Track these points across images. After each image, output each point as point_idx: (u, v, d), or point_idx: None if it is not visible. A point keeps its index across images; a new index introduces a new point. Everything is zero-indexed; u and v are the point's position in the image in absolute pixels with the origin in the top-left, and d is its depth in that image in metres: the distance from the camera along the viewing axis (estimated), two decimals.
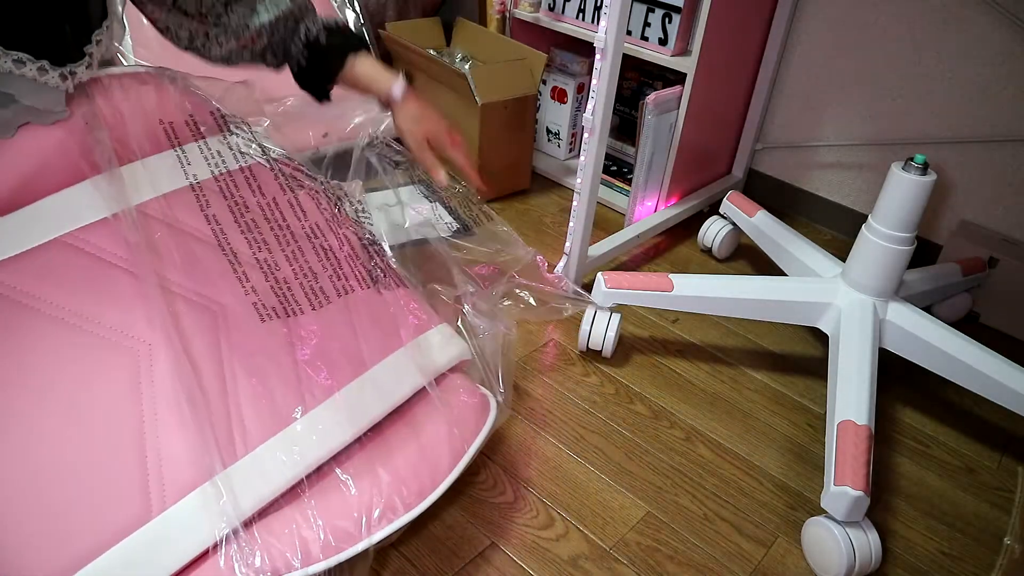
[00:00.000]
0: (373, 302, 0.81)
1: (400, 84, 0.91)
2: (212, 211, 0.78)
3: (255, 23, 0.83)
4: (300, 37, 0.87)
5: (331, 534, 0.63)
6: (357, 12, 1.62)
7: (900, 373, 1.15)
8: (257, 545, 0.60)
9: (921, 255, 1.45)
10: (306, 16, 0.87)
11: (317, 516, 0.64)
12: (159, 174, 0.78)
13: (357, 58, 0.90)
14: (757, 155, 1.62)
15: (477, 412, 0.79)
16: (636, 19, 1.36)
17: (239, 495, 0.62)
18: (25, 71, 0.65)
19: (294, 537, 0.62)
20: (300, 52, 0.87)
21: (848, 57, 1.41)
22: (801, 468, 0.99)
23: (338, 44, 0.90)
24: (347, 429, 0.69)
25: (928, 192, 0.94)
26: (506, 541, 0.85)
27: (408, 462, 0.70)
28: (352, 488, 0.67)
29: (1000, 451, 1.06)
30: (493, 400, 0.82)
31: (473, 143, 1.46)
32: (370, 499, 0.66)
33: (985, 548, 0.91)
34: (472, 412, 0.79)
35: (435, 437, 0.74)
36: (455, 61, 1.63)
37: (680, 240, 1.49)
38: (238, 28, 0.82)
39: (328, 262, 0.82)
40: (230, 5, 0.81)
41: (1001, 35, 1.23)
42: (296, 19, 0.86)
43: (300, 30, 0.87)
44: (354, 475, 0.68)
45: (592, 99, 1.07)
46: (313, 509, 0.64)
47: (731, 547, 0.88)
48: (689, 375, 1.14)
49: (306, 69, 0.89)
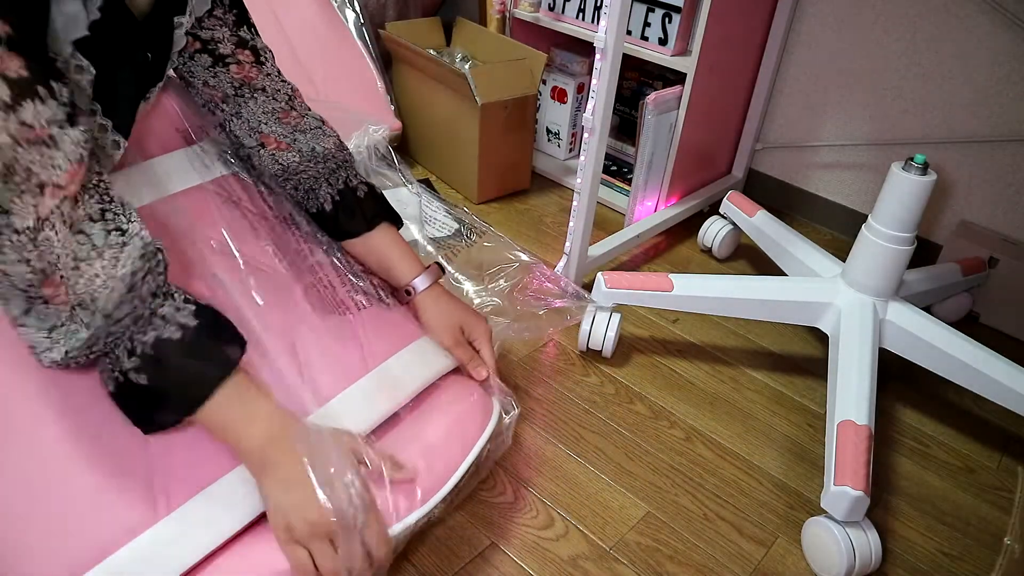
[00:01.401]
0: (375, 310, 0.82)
1: (424, 279, 0.84)
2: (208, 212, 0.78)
3: (299, 142, 0.80)
4: (337, 182, 0.82)
5: None
6: (357, 12, 1.62)
7: (900, 373, 1.15)
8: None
9: (921, 255, 1.44)
10: (348, 166, 0.84)
11: None
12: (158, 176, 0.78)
13: (389, 230, 0.85)
14: (757, 155, 1.62)
15: (480, 413, 0.79)
16: (636, 19, 1.36)
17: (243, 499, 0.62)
18: (102, 138, 0.67)
19: None
20: (331, 195, 0.82)
21: (848, 57, 1.41)
22: (801, 468, 0.99)
23: (373, 205, 0.84)
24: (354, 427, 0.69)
25: (928, 192, 0.94)
26: (506, 541, 0.85)
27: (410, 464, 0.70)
28: None
29: (1000, 451, 1.06)
30: (496, 401, 0.83)
31: (473, 143, 1.46)
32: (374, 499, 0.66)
33: (985, 548, 0.91)
34: (475, 413, 0.79)
35: (437, 438, 0.74)
36: (455, 61, 1.63)
37: (680, 240, 1.49)
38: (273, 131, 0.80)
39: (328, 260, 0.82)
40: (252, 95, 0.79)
41: (1001, 35, 1.23)
42: (337, 165, 0.83)
43: (340, 175, 0.83)
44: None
45: (592, 99, 1.07)
46: None
47: (731, 547, 0.88)
48: (689, 375, 1.14)
49: (328, 215, 0.83)
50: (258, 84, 0.79)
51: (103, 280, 0.54)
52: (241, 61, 0.77)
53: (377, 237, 0.84)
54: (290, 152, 0.81)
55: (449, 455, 0.74)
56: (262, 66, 0.79)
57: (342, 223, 0.84)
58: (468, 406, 0.79)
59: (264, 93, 0.80)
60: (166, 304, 0.58)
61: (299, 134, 0.81)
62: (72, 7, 0.55)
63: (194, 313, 0.58)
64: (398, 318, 0.83)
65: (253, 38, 0.79)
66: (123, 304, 0.55)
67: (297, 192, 0.84)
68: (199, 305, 0.60)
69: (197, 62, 0.77)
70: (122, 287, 0.55)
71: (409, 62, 1.57)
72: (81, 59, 0.58)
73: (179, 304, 0.58)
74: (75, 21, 0.55)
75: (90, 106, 0.62)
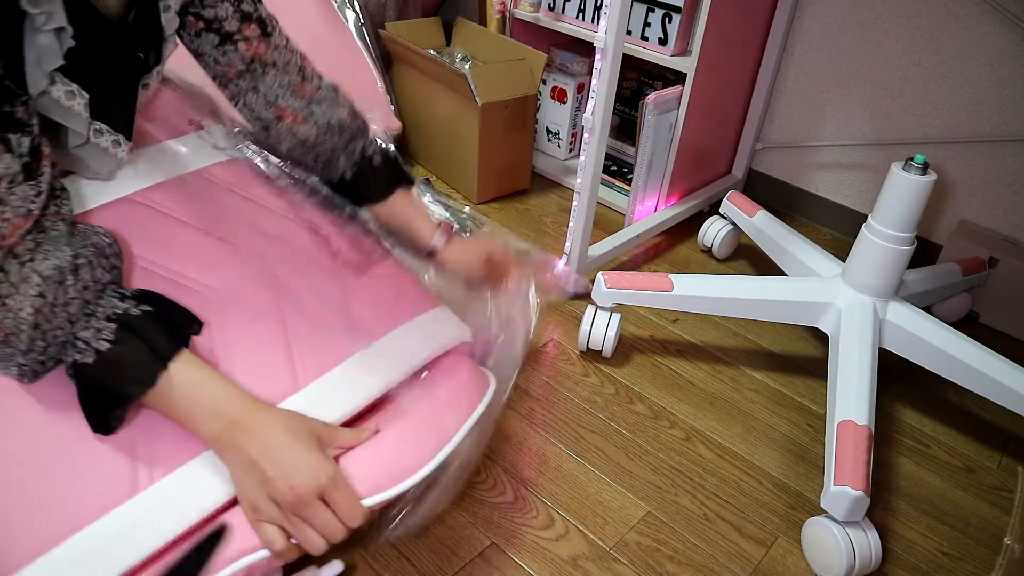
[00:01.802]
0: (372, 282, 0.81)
1: (442, 234, 0.87)
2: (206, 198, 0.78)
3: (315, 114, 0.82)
4: (354, 152, 0.85)
5: None
6: (357, 12, 1.62)
7: (900, 373, 1.15)
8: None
9: (921, 255, 1.44)
10: (363, 135, 0.86)
11: None
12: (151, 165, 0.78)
13: (405, 194, 0.87)
14: (757, 155, 1.62)
15: (474, 390, 0.78)
16: (636, 19, 1.36)
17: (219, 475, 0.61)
18: (101, 141, 0.66)
19: None
20: (349, 166, 0.85)
21: (848, 57, 1.41)
22: (801, 468, 0.99)
23: (388, 172, 0.87)
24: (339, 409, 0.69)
25: (928, 192, 0.94)
26: (506, 541, 0.85)
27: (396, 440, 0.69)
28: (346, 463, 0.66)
29: (1000, 451, 1.06)
30: (492, 379, 0.82)
31: (473, 143, 1.46)
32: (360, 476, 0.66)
33: (985, 548, 0.91)
34: (469, 390, 0.78)
35: (425, 416, 0.73)
36: (455, 61, 1.63)
37: (680, 240, 1.49)
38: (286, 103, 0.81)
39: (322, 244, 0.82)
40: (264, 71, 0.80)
41: (1001, 35, 1.23)
42: (352, 135, 0.85)
43: (356, 145, 0.85)
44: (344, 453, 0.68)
45: (592, 99, 1.07)
46: None
47: (731, 547, 0.88)
48: (689, 375, 1.14)
49: (348, 184, 0.86)
50: (269, 59, 0.80)
51: (12, 318, 0.55)
52: (248, 37, 0.78)
53: (395, 202, 0.87)
54: (307, 125, 0.82)
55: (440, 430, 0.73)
56: (270, 38, 0.79)
57: (361, 191, 0.86)
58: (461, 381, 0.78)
59: (276, 67, 0.81)
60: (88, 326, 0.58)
61: (315, 106, 0.82)
62: (44, 39, 0.54)
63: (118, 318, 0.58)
64: (406, 289, 0.83)
65: (257, 8, 0.79)
66: (35, 340, 0.56)
67: (316, 163, 0.86)
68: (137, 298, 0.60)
69: (205, 40, 0.77)
70: (28, 325, 0.55)
71: (409, 62, 1.57)
72: (70, 84, 0.59)
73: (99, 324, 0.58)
74: (49, 53, 0.55)
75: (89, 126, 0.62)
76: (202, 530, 0.60)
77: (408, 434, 0.71)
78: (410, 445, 0.70)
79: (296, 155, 0.86)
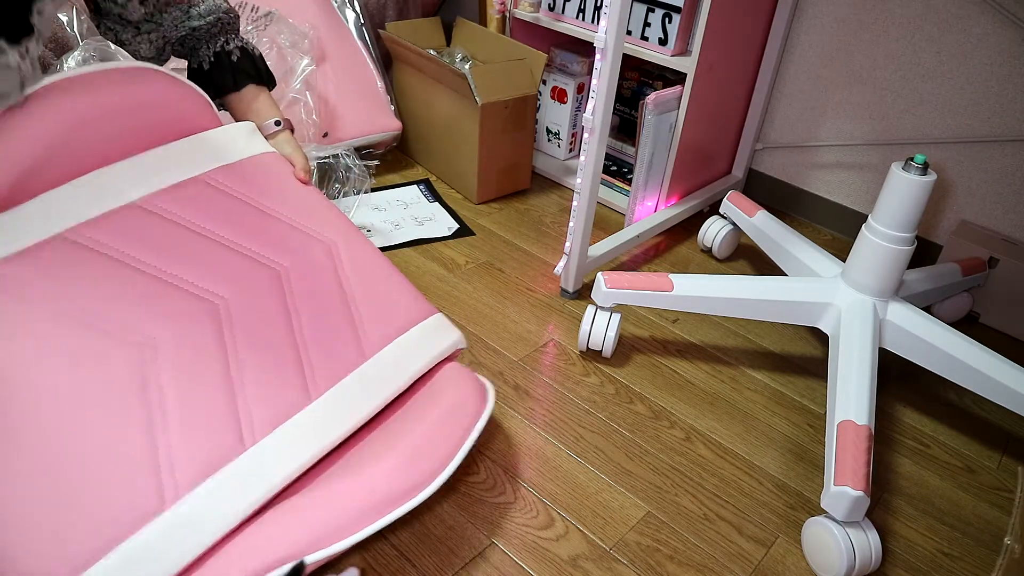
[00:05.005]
0: (369, 290, 0.82)
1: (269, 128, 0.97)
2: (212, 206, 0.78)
3: (187, 26, 0.91)
4: (214, 45, 0.94)
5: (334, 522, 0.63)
6: (357, 12, 1.62)
7: (900, 373, 1.15)
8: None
9: (921, 255, 1.45)
10: (229, 32, 0.95)
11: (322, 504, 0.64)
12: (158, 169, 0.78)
13: (256, 89, 0.98)
14: (757, 155, 1.62)
15: (475, 400, 0.79)
16: (636, 19, 1.36)
17: (249, 485, 0.62)
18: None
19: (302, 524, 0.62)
20: (207, 56, 0.94)
21: (848, 57, 1.41)
22: (801, 468, 0.99)
23: (245, 68, 0.97)
24: (350, 419, 0.69)
25: (928, 192, 0.94)
26: (506, 541, 0.85)
27: (406, 453, 0.70)
28: (352, 478, 0.67)
29: (1000, 451, 1.06)
30: (491, 387, 0.83)
31: (473, 143, 1.46)
32: (371, 488, 0.66)
33: (985, 548, 0.91)
34: (470, 400, 0.79)
35: (433, 427, 0.74)
36: (455, 61, 1.63)
37: (680, 240, 1.49)
38: (170, 30, 0.91)
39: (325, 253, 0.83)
40: (166, 10, 0.89)
41: (1001, 35, 1.23)
42: (220, 30, 0.94)
43: (217, 40, 0.94)
44: (354, 466, 0.68)
45: (592, 99, 1.07)
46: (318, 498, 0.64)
47: (731, 547, 0.88)
48: (689, 375, 1.14)
49: (205, 72, 0.95)
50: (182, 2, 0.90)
51: None
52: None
53: (245, 94, 0.97)
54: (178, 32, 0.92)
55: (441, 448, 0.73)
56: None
57: (216, 80, 0.96)
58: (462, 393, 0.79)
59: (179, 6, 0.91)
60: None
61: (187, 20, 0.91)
62: None
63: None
64: (407, 297, 0.84)
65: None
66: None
67: (181, 49, 0.95)
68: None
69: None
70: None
71: (409, 62, 1.57)
72: None
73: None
74: None
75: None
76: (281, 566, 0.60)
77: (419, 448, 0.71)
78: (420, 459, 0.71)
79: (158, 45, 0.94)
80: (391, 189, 1.56)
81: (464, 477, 0.92)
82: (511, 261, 1.36)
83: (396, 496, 0.66)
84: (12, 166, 0.69)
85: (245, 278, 0.75)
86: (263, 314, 0.73)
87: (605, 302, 1.10)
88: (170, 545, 0.57)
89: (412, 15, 1.76)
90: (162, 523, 0.58)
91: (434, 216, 1.48)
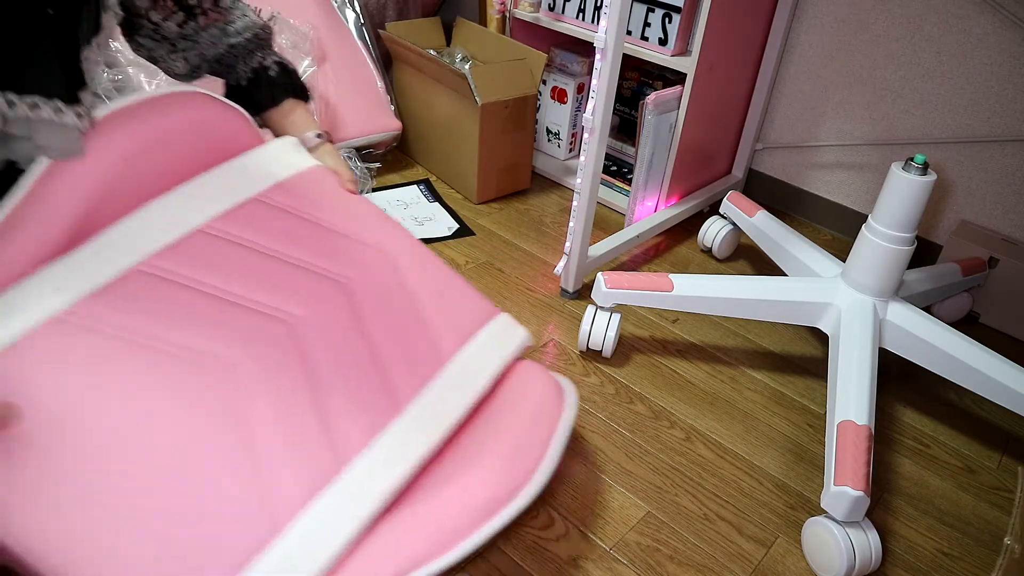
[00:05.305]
0: (435, 295, 0.82)
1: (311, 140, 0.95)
2: (273, 225, 0.78)
3: (225, 43, 0.89)
4: (252, 61, 0.92)
5: (437, 536, 0.63)
6: (357, 12, 1.62)
7: (900, 373, 1.15)
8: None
9: (921, 255, 1.45)
10: (265, 47, 0.93)
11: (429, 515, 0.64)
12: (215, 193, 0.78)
13: (294, 104, 0.95)
14: (757, 155, 1.62)
15: (557, 396, 0.79)
16: (636, 19, 1.36)
17: (356, 502, 0.62)
18: (42, 114, 0.65)
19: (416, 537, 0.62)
20: (245, 73, 0.92)
21: (848, 57, 1.41)
22: (801, 468, 0.99)
23: (283, 83, 0.95)
24: (440, 426, 0.70)
25: (928, 192, 0.94)
26: (506, 541, 0.85)
27: (503, 455, 0.69)
28: (453, 485, 0.66)
29: (1000, 451, 1.06)
30: (569, 383, 0.82)
31: (473, 143, 1.46)
32: (473, 494, 0.66)
33: (985, 548, 0.91)
34: (552, 397, 0.78)
35: (524, 427, 0.73)
36: (455, 61, 1.63)
37: (680, 240, 1.49)
38: (207, 48, 0.88)
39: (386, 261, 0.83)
40: (205, 28, 0.87)
41: (1001, 35, 1.23)
42: (256, 47, 0.92)
43: (255, 57, 0.92)
44: (451, 473, 0.68)
45: (592, 99, 1.07)
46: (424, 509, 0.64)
47: (731, 547, 0.88)
48: (689, 375, 1.14)
49: (243, 89, 0.93)
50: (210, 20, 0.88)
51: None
52: (206, 10, 0.85)
53: (284, 109, 0.95)
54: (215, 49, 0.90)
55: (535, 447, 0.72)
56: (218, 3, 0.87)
57: (254, 97, 0.94)
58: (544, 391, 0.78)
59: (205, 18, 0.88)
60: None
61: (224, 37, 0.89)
62: None
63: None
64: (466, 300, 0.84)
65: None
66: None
67: (218, 67, 0.92)
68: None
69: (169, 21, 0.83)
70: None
71: (409, 62, 1.57)
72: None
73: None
74: None
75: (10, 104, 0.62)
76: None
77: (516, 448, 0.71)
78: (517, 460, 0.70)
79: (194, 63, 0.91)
80: (391, 189, 1.56)
81: None
82: (511, 261, 1.36)
83: (499, 499, 0.66)
84: (78, 203, 0.68)
85: (315, 295, 0.75)
86: (338, 329, 0.73)
87: (605, 302, 1.10)
88: (290, 570, 0.57)
89: (412, 15, 1.76)
90: (280, 549, 0.58)
91: (434, 216, 1.48)
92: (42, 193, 0.66)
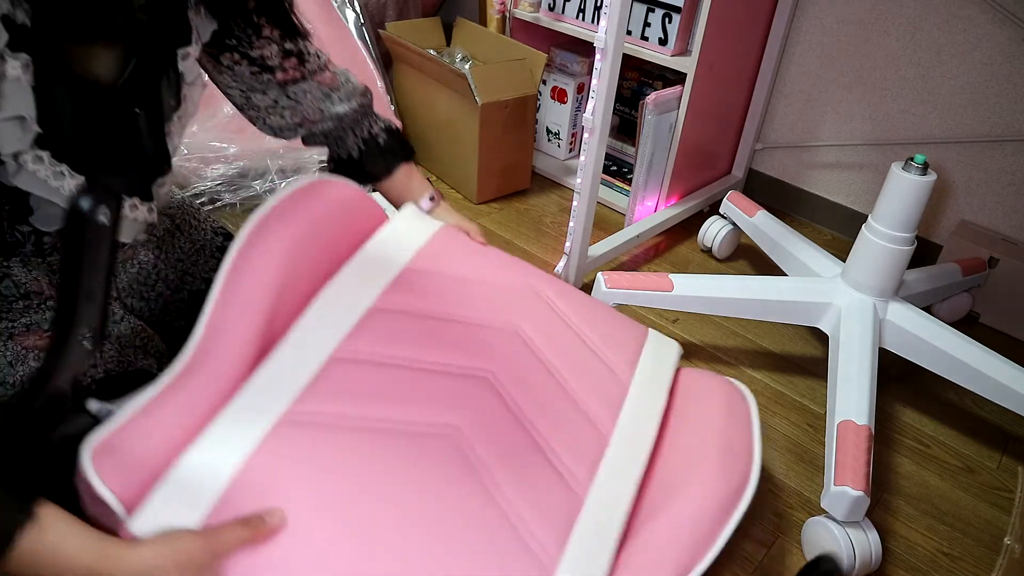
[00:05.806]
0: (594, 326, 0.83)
1: (426, 204, 0.91)
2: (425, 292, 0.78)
3: (330, 110, 0.84)
4: (361, 132, 0.88)
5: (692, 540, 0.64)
6: (357, 12, 1.62)
7: (900, 373, 1.15)
8: None
9: (921, 255, 1.44)
10: (370, 113, 0.89)
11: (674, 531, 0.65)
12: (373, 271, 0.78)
13: (406, 168, 0.91)
14: (757, 155, 1.62)
15: (736, 395, 0.80)
16: (636, 19, 1.36)
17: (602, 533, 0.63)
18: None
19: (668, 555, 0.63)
20: (357, 145, 0.88)
21: (848, 57, 1.41)
22: (801, 468, 0.99)
23: (393, 149, 0.90)
24: (643, 450, 0.71)
25: (928, 192, 0.94)
26: None
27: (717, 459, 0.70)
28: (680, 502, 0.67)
29: (1000, 451, 1.06)
30: (738, 382, 0.83)
31: (473, 143, 1.46)
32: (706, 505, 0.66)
33: (985, 548, 0.91)
34: (733, 397, 0.79)
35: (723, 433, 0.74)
36: (455, 61, 1.63)
37: (680, 240, 1.49)
38: (311, 110, 0.83)
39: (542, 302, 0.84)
40: (306, 79, 0.82)
41: (1001, 35, 1.23)
42: (363, 115, 0.88)
43: (362, 126, 0.88)
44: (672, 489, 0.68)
45: (592, 99, 1.07)
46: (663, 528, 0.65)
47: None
48: None
49: (355, 162, 0.89)
50: (302, 80, 0.82)
51: None
52: (286, 68, 0.80)
53: (398, 176, 0.91)
54: (323, 122, 0.85)
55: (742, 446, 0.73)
56: (305, 65, 0.81)
57: (368, 168, 0.90)
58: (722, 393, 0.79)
59: (307, 82, 0.82)
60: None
61: (329, 104, 0.84)
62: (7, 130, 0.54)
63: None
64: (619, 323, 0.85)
65: (298, 44, 0.80)
66: None
67: (326, 141, 0.88)
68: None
69: (237, 72, 0.78)
70: None
71: (409, 62, 1.57)
72: (59, 164, 0.59)
73: None
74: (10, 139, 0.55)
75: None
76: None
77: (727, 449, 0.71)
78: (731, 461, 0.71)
79: (304, 138, 0.89)
80: None
81: None
82: None
83: (731, 500, 0.67)
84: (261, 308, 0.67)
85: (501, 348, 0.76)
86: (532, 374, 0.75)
87: (605, 302, 1.09)
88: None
89: (412, 15, 1.77)
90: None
91: None
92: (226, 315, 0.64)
